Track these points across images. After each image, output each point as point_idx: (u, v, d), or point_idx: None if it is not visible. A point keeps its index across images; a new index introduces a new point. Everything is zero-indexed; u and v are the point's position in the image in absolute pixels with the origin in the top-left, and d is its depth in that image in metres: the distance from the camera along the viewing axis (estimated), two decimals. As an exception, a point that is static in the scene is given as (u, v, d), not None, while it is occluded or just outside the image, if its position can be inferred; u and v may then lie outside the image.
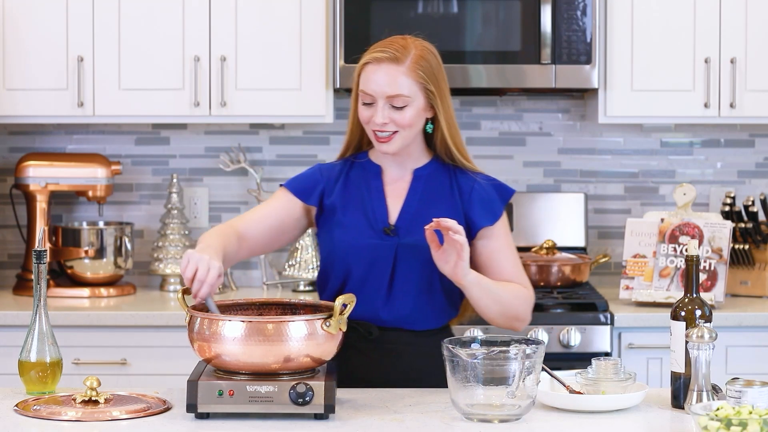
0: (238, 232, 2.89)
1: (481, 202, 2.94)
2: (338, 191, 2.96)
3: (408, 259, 2.89)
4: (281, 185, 3.02)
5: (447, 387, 2.57)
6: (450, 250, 2.76)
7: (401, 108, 2.85)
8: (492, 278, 2.90)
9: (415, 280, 2.90)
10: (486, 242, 2.94)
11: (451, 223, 2.72)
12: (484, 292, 2.85)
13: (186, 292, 2.68)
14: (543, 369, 2.64)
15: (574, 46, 4.20)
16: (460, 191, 2.95)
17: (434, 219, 2.74)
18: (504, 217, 2.98)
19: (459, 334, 3.02)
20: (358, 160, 3.01)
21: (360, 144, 3.01)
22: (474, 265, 2.89)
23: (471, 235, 2.93)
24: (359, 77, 2.90)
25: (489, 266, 2.93)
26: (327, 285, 2.97)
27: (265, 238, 2.94)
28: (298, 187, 2.99)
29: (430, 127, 2.93)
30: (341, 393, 2.72)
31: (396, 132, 2.86)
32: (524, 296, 2.94)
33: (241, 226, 2.92)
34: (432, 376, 2.87)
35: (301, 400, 2.51)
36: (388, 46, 2.87)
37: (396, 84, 2.84)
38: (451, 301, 2.96)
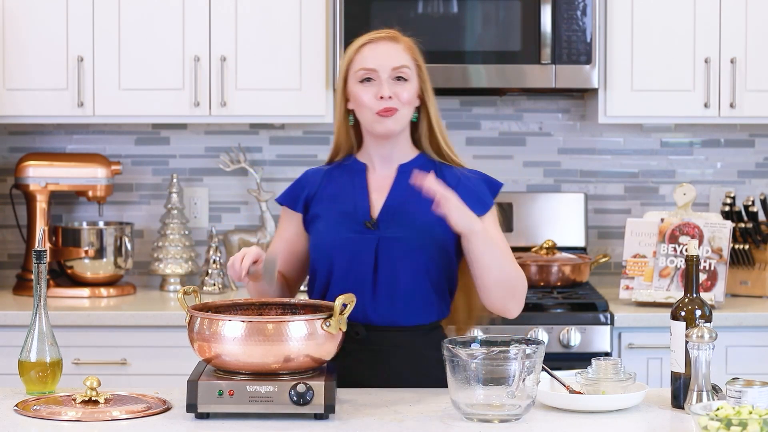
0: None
1: (468, 193, 2.87)
2: (320, 193, 2.96)
3: (390, 252, 2.85)
4: (276, 200, 3.05)
5: (441, 388, 2.56)
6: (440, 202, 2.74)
7: (405, 81, 2.87)
8: (483, 275, 2.82)
9: (399, 275, 2.85)
10: None
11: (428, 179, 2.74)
12: (488, 246, 2.78)
13: (186, 292, 2.68)
14: (543, 369, 2.64)
15: (574, 46, 4.20)
16: (445, 185, 2.82)
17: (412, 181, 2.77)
18: (494, 210, 2.94)
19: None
20: (345, 162, 3.00)
21: (346, 147, 3.00)
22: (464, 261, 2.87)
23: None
24: (351, 62, 2.91)
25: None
26: (314, 284, 2.95)
27: (299, 263, 2.99)
28: (287, 198, 3.01)
29: (415, 116, 2.94)
30: (341, 393, 2.72)
31: (397, 110, 2.87)
32: (523, 276, 2.87)
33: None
34: (423, 379, 2.85)
35: (301, 400, 2.50)
36: (381, 31, 2.95)
37: (399, 56, 2.89)
38: (441, 296, 2.91)
